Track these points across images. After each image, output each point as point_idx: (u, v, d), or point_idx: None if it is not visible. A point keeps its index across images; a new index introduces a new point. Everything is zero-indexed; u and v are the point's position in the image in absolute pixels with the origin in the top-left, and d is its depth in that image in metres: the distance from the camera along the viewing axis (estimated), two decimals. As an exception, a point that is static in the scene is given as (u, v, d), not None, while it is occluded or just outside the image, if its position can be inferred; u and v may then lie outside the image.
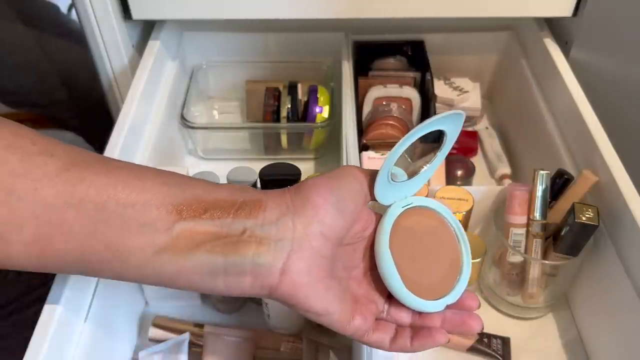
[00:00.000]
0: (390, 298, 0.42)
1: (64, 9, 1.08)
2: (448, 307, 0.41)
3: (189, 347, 0.56)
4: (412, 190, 0.44)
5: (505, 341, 0.59)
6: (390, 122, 0.70)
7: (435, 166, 0.44)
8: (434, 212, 0.44)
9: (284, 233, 0.37)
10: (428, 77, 0.74)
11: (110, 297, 0.52)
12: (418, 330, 0.40)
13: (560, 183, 0.57)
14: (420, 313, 0.41)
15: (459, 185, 0.69)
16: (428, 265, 0.42)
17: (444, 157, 0.44)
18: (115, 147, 0.56)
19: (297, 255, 0.36)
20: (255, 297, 0.38)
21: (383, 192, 0.42)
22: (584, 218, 0.51)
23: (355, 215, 0.40)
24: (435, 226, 0.44)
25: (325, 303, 0.38)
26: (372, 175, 0.41)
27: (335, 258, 0.40)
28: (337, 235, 0.38)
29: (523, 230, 0.56)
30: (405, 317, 0.41)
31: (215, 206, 0.37)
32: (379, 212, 0.43)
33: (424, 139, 0.40)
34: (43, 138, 0.36)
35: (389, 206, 0.43)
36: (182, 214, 0.36)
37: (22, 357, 0.40)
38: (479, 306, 0.42)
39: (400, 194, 0.43)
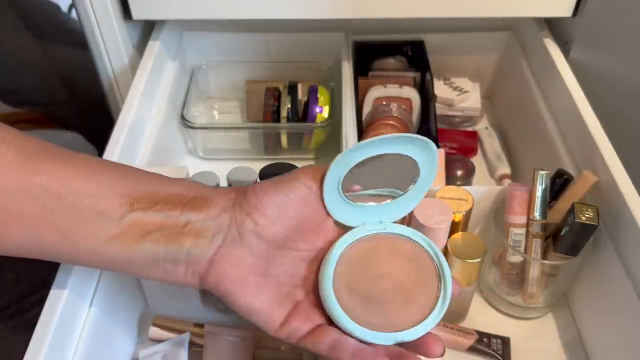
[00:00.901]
0: None
1: (64, 8, 1.08)
2: (403, 345, 0.38)
3: (189, 347, 0.56)
4: (390, 216, 0.43)
5: (505, 341, 0.59)
6: (390, 122, 0.70)
7: (413, 198, 0.42)
8: (415, 245, 0.42)
9: (220, 228, 0.39)
10: (428, 77, 0.74)
11: (110, 298, 0.52)
12: (362, 349, 0.38)
13: (560, 183, 0.57)
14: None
15: (459, 185, 0.69)
16: (386, 295, 0.40)
17: (421, 194, 0.42)
18: (115, 147, 0.56)
19: (226, 249, 0.39)
20: (190, 286, 0.40)
21: (335, 207, 0.41)
22: (583, 218, 0.51)
23: (300, 221, 0.40)
24: (413, 259, 0.41)
25: (251, 300, 0.39)
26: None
27: (274, 261, 0.40)
28: (272, 237, 0.40)
29: (523, 230, 0.56)
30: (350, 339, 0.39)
31: (166, 200, 0.39)
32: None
33: None
34: (2, 128, 0.38)
35: (358, 227, 0.42)
36: (134, 206, 0.38)
37: (23, 359, 0.40)
38: (442, 353, 0.39)
39: (371, 217, 0.42)
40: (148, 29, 0.74)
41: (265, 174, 0.60)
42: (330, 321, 0.40)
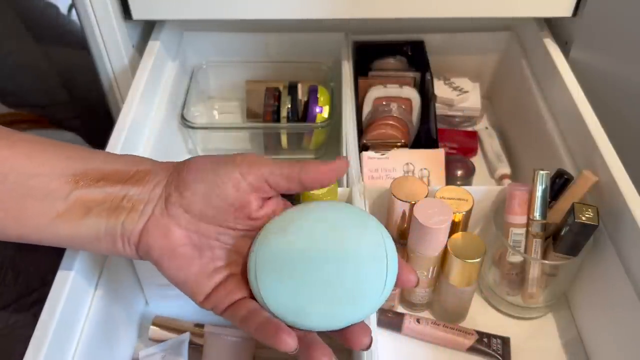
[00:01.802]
0: None
1: (64, 9, 1.08)
2: (330, 333, 0.38)
3: (189, 347, 0.56)
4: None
5: (505, 341, 0.59)
6: (390, 122, 0.70)
7: None
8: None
9: (151, 200, 0.40)
10: (428, 77, 0.74)
11: (110, 298, 0.52)
12: (269, 321, 0.38)
13: (560, 183, 0.57)
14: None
15: (459, 185, 0.69)
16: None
17: None
18: (115, 147, 0.56)
19: (155, 221, 0.40)
20: (129, 257, 0.42)
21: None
22: (583, 218, 0.51)
23: (230, 203, 0.40)
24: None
25: (177, 271, 0.41)
26: (263, 168, 0.41)
27: (210, 235, 0.41)
28: (198, 212, 0.40)
29: (523, 230, 0.56)
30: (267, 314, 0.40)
31: (109, 176, 0.40)
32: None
33: None
34: None
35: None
36: (79, 183, 0.39)
37: (22, 358, 0.40)
38: (369, 346, 0.38)
39: None
40: (148, 29, 0.74)
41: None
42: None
